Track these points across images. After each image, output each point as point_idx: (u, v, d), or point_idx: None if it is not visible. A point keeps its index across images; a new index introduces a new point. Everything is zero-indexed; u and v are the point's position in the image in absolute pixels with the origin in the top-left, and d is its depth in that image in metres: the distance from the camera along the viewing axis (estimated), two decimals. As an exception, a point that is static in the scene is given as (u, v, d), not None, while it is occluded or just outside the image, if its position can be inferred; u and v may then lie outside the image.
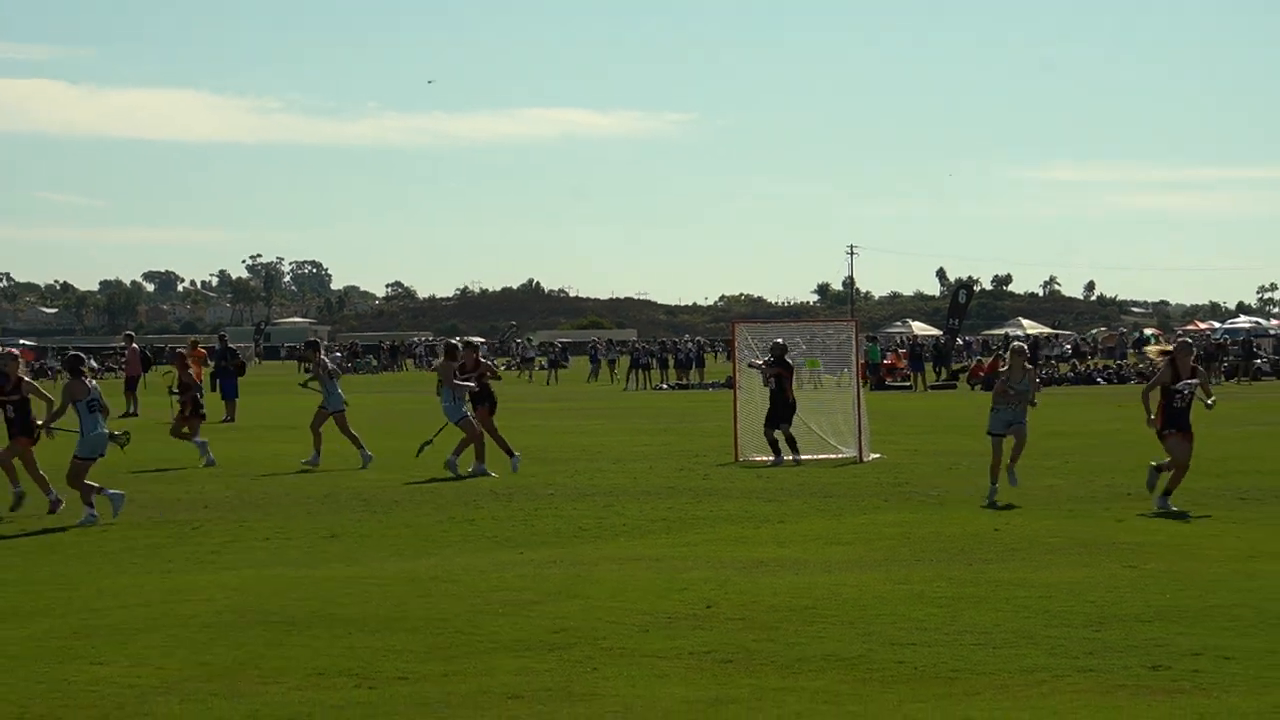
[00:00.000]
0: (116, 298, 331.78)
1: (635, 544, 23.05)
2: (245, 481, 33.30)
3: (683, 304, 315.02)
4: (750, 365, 39.05)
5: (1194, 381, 27.15)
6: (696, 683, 14.01)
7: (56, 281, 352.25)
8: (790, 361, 38.27)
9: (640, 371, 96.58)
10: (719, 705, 13.17)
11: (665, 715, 12.84)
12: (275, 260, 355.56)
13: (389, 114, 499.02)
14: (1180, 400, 27.07)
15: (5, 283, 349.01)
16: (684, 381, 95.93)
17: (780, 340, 39.10)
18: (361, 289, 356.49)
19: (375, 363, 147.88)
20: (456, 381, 35.68)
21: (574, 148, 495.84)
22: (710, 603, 17.78)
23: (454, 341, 39.23)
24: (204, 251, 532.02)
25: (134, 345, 72.71)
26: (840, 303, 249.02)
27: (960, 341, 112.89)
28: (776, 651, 15.25)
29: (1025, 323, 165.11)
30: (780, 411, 37.29)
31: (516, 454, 36.14)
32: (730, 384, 43.92)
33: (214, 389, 59.40)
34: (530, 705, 13.22)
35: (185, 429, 40.04)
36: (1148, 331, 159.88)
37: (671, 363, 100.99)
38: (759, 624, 16.57)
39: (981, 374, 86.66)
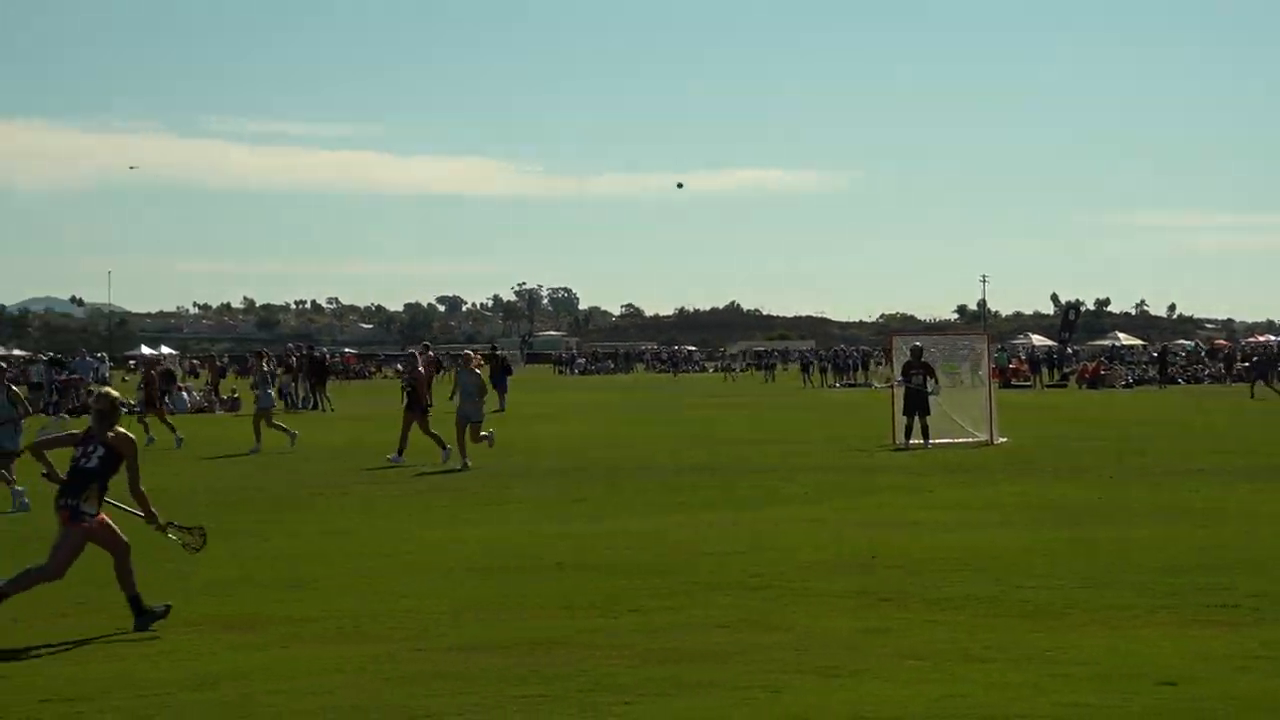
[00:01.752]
0: (417, 316, 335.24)
1: (813, 508, 22.97)
2: (508, 456, 33.50)
3: (851, 320, 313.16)
4: (913, 384, 38.17)
5: None
6: (861, 616, 13.95)
7: (372, 304, 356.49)
8: (928, 363, 37.98)
9: (815, 374, 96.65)
10: (880, 633, 13.10)
11: (838, 641, 12.78)
12: (536, 286, 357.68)
13: (624, 175, 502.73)
14: None
15: (335, 305, 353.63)
16: (851, 381, 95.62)
17: (919, 344, 38.95)
18: (602, 308, 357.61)
19: (613, 366, 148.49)
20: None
21: (768, 198, 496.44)
22: (873, 553, 17.69)
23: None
24: (482, 280, 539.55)
25: (430, 353, 73.53)
26: (975, 319, 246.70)
27: (1069, 350, 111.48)
28: (926, 591, 15.14)
29: (1121, 335, 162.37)
30: (917, 403, 36.98)
31: (447, 447, 32.87)
32: (888, 384, 43.49)
33: (493, 386, 60.19)
34: (735, 632, 13.20)
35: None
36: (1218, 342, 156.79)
37: (841, 367, 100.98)
38: (911, 571, 16.46)
39: (1087, 375, 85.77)
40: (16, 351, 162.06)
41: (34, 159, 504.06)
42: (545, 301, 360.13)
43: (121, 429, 14.09)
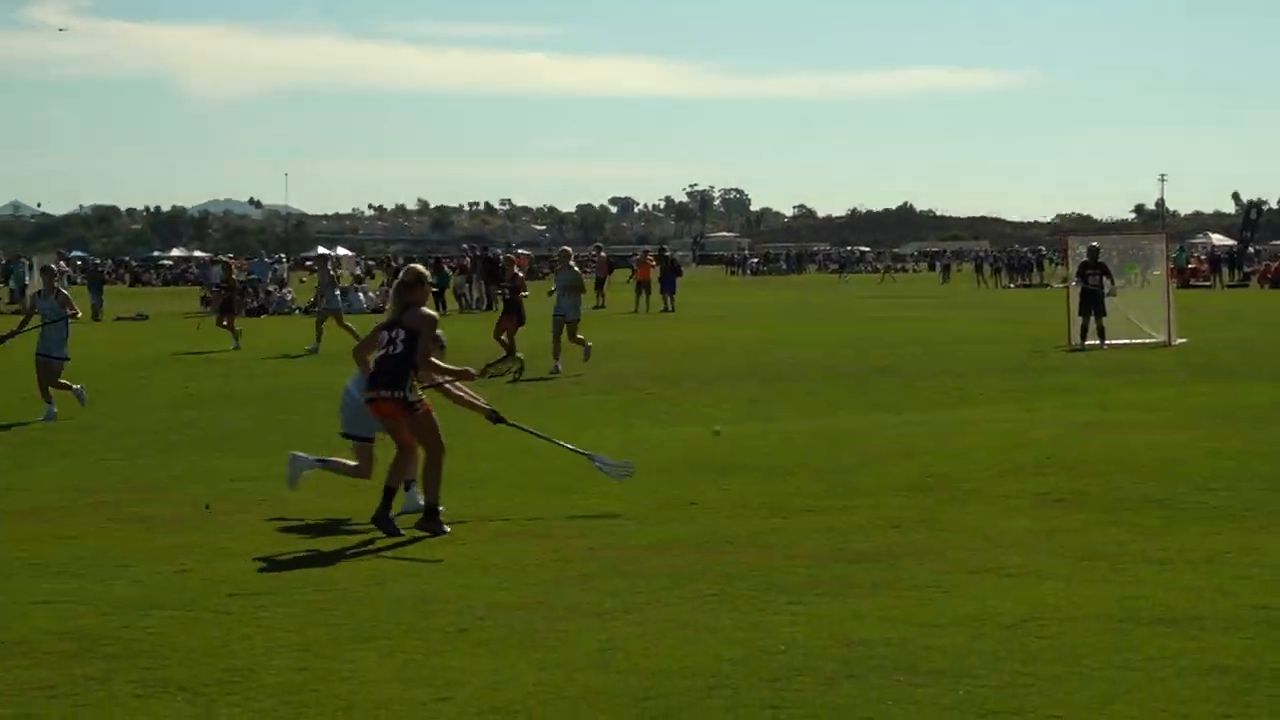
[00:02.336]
0: (589, 218, 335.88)
1: (989, 409, 22.80)
2: (679, 359, 33.54)
3: (1026, 220, 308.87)
4: (1089, 285, 37.52)
5: None
6: (1037, 517, 13.85)
7: (544, 206, 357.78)
8: (1104, 264, 37.39)
9: (988, 274, 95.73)
10: (1055, 534, 13.00)
11: (1013, 541, 12.71)
12: (708, 187, 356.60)
13: (797, 74, 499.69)
14: None
15: (508, 207, 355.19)
16: (1026, 282, 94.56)
17: (1095, 244, 38.37)
18: (774, 209, 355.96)
19: (784, 267, 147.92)
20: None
21: (942, 96, 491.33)
22: (1049, 455, 17.53)
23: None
24: (655, 182, 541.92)
25: (602, 254, 73.75)
26: (1153, 219, 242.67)
27: (1251, 250, 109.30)
28: (1101, 494, 14.99)
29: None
30: (1094, 303, 36.46)
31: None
32: (1064, 284, 42.91)
33: (661, 288, 60.24)
34: (908, 533, 13.17)
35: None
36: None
37: (1016, 267, 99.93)
38: (1087, 472, 16.30)
39: (1269, 275, 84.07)
40: (197, 253, 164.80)
41: (211, 64, 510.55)
42: (717, 203, 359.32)
43: (424, 309, 13.72)
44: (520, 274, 35.24)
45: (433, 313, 13.82)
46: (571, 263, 33.49)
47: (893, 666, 8.93)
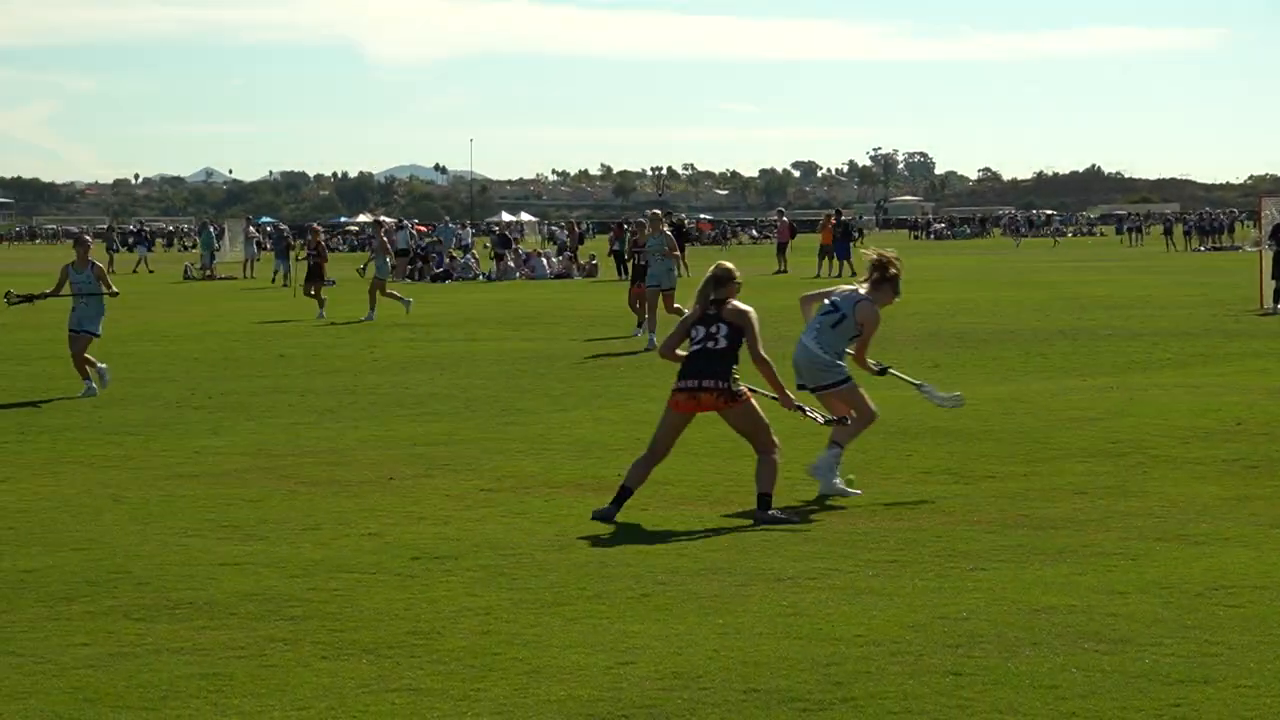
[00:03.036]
0: (772, 182, 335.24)
1: (1177, 373, 22.44)
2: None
3: (1217, 182, 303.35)
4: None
5: None
6: (1227, 483, 13.61)
7: (727, 170, 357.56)
8: None
9: (1178, 237, 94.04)
10: (1246, 501, 12.78)
11: (1202, 508, 12.51)
12: (891, 151, 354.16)
13: (982, 37, 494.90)
14: None
15: (690, 171, 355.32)
16: (1217, 245, 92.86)
17: None
18: (959, 173, 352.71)
19: (968, 230, 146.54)
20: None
21: (1131, 57, 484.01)
22: (1240, 420, 17.21)
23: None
24: (839, 145, 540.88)
25: (785, 218, 73.56)
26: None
27: None
28: (1294, 460, 14.70)
29: None
30: None
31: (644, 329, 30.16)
32: (1256, 247, 42.05)
33: (835, 253, 59.96)
34: (1092, 499, 13.00)
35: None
36: None
37: (1206, 230, 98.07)
38: (1279, 438, 15.99)
39: None
40: (384, 218, 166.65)
41: (398, 29, 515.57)
42: (901, 166, 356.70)
43: (738, 303, 13.03)
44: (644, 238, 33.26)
45: (750, 307, 13.33)
46: (665, 226, 31.48)
47: (1077, 634, 8.83)
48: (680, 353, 13.10)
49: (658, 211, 33.13)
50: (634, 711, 7.69)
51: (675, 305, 29.36)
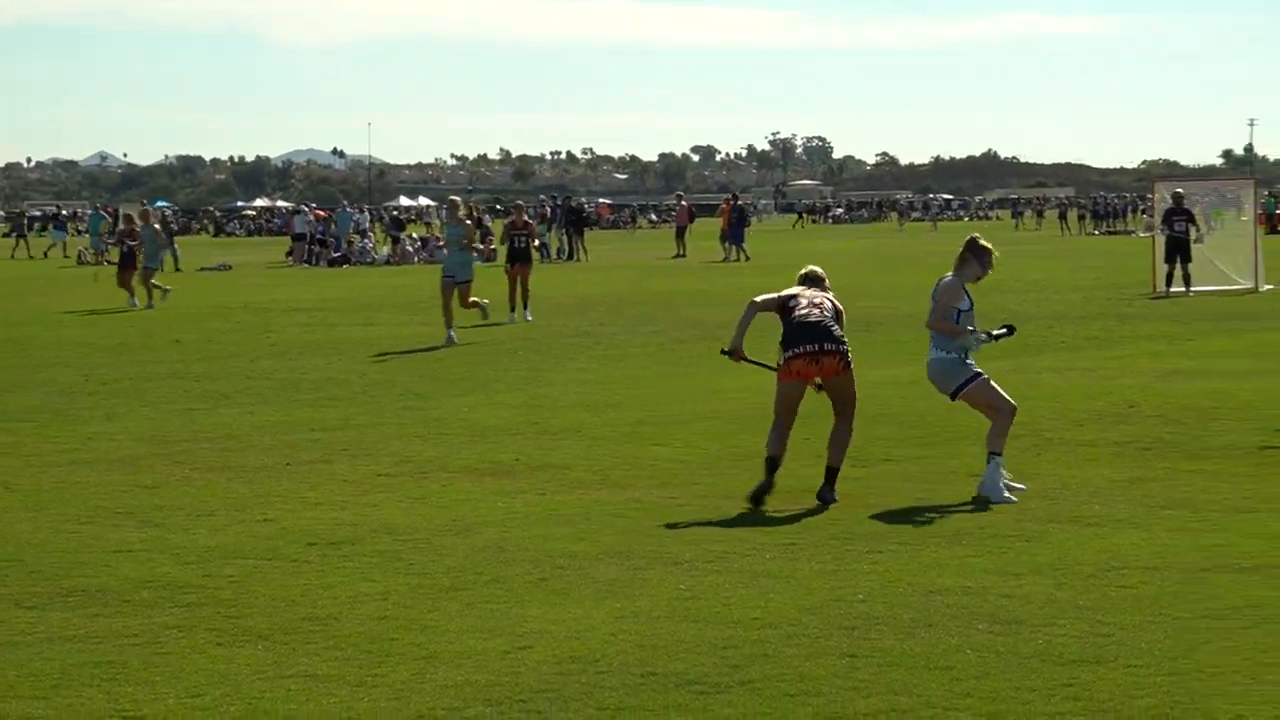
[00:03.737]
0: (671, 166, 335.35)
1: (1071, 357, 22.66)
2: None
3: (1112, 166, 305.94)
4: (1175, 231, 37.12)
5: None
6: (1120, 466, 13.76)
7: (626, 154, 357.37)
8: (1190, 210, 37.05)
9: (1072, 221, 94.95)
10: (1138, 483, 12.92)
11: (1095, 490, 12.64)
12: (790, 135, 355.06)
13: (882, 19, 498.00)
14: None
15: (589, 155, 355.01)
16: (1111, 229, 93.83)
17: (1180, 190, 38.00)
18: (856, 157, 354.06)
19: (866, 215, 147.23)
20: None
21: (1027, 43, 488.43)
22: (1132, 403, 17.41)
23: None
24: (737, 129, 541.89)
25: (684, 203, 73.67)
26: (1242, 164, 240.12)
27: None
28: (1186, 441, 14.88)
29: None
30: (1179, 250, 36.15)
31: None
32: (1149, 232, 42.51)
33: (729, 238, 59.86)
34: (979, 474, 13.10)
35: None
36: None
37: (1101, 214, 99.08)
38: (1171, 420, 16.18)
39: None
40: (281, 203, 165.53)
41: (296, 14, 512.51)
42: (799, 151, 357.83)
43: None
44: (531, 221, 33.84)
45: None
46: (462, 213, 29.72)
47: (971, 616, 8.90)
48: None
49: (456, 199, 31.99)
50: (531, 696, 7.69)
51: (472, 299, 27.92)
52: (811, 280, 13.50)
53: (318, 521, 12.01)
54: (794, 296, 13.20)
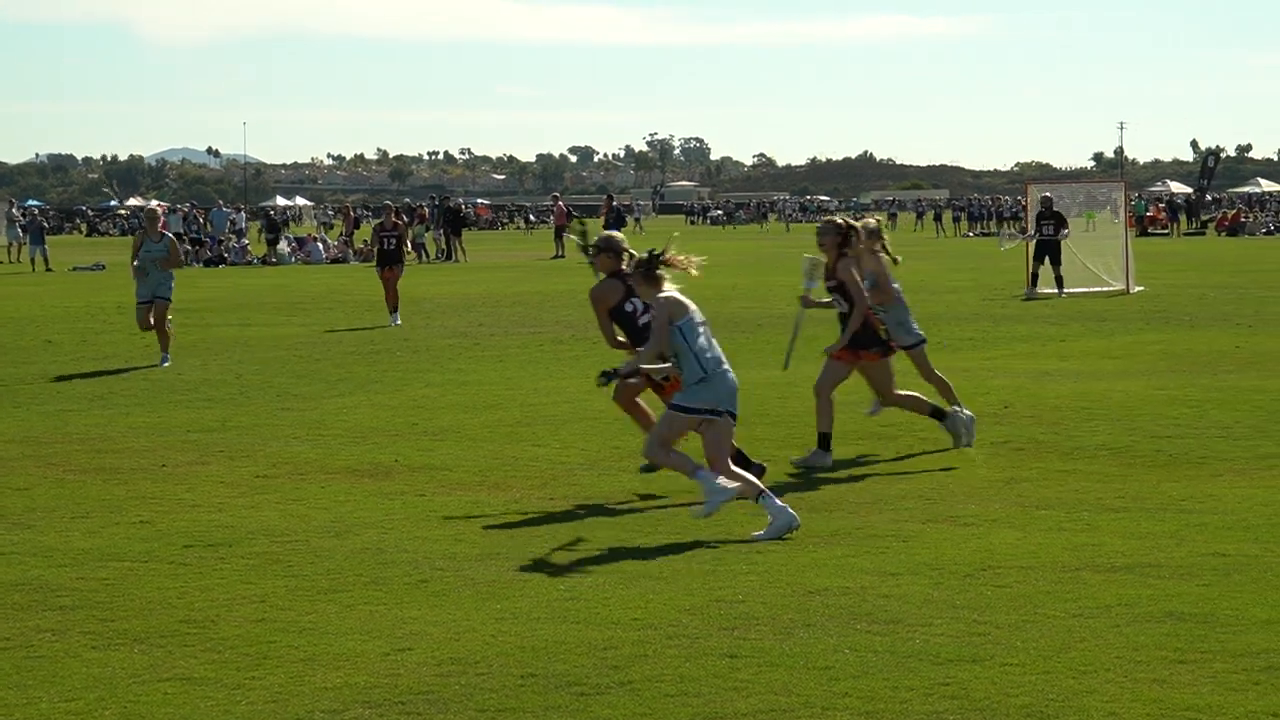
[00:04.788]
0: (549, 166, 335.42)
1: (947, 357, 22.76)
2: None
3: (986, 169, 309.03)
4: (1018, 236, 37.75)
5: None
6: (995, 465, 13.90)
7: (504, 154, 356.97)
8: (1059, 212, 37.52)
9: (947, 223, 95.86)
10: (1013, 483, 13.05)
11: (970, 490, 12.76)
12: (668, 136, 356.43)
13: (756, 23, 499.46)
14: None
15: (467, 155, 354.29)
16: (985, 231, 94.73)
17: (1049, 195, 38.47)
18: (734, 159, 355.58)
19: (744, 216, 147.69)
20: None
21: (901, 45, 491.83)
22: (1007, 404, 17.58)
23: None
24: (615, 130, 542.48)
25: (560, 203, 73.69)
26: (1112, 167, 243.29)
27: (1209, 198, 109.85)
28: (1059, 442, 15.05)
29: (1263, 182, 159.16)
30: (1050, 251, 36.60)
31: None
32: (1023, 233, 42.93)
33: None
34: (865, 483, 13.21)
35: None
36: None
37: (975, 216, 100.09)
38: (1046, 421, 16.36)
39: (1226, 223, 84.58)
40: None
41: (169, 9, 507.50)
42: (677, 152, 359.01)
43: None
44: (400, 223, 33.55)
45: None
46: (161, 226, 25.39)
47: (850, 615, 8.96)
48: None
49: (154, 208, 28.89)
50: (411, 698, 7.66)
51: (169, 320, 24.13)
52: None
53: (195, 524, 11.89)
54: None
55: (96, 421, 17.45)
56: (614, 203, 66.05)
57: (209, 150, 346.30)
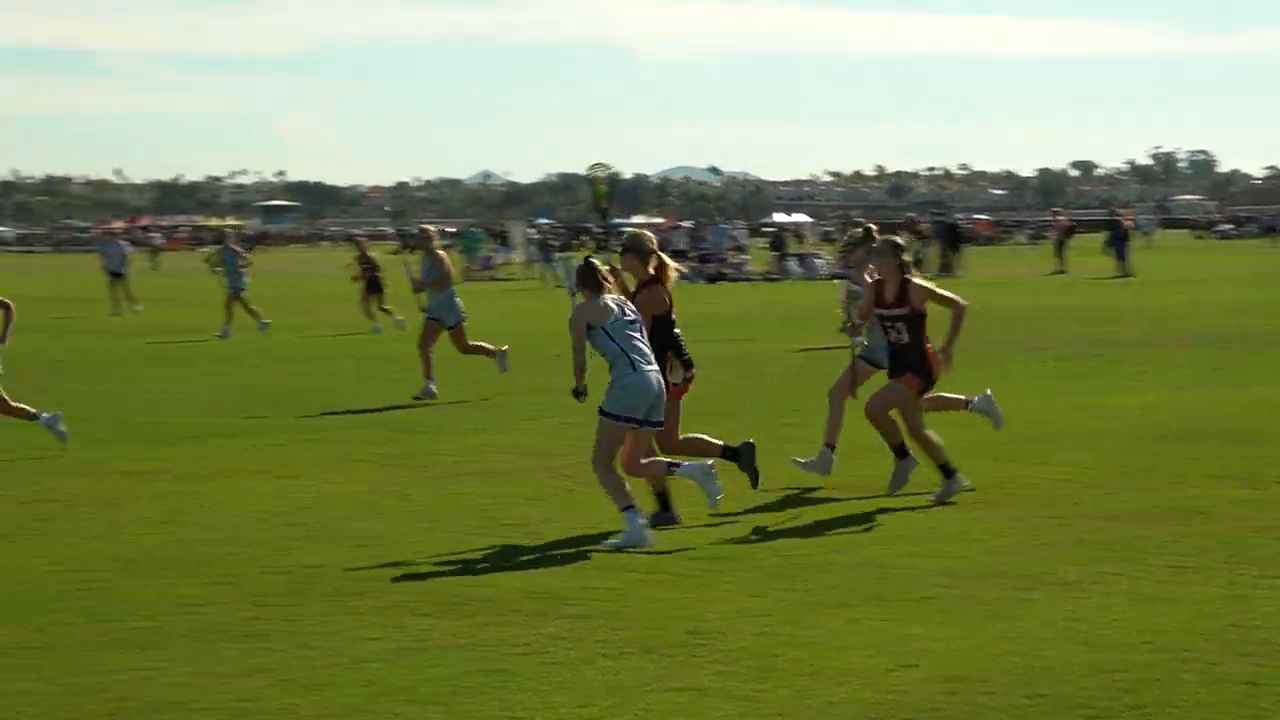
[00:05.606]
0: (1049, 181, 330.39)
1: None
2: (1140, 324, 32.54)
3: None
4: None
5: None
6: None
7: (1003, 170, 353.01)
8: None
9: None
10: None
11: None
12: (1172, 149, 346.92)
13: (1265, 27, 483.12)
14: None
15: (966, 171, 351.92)
16: None
17: None
18: (1243, 171, 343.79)
19: (1256, 231, 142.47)
20: None
21: None
22: None
23: None
24: (1118, 144, 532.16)
25: (1060, 217, 72.63)
26: None
27: None
28: None
29: None
30: None
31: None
32: None
33: (1107, 253, 58.32)
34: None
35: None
36: None
37: None
38: None
39: None
40: (657, 219, 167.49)
41: (664, 29, 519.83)
42: (1182, 164, 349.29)
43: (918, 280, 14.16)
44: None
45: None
46: (435, 245, 23.48)
47: (1378, 646, 8.56)
48: None
49: (427, 227, 26.94)
50: (917, 714, 7.64)
51: (473, 343, 23.13)
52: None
53: (695, 537, 12.10)
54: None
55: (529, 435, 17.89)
56: (1115, 215, 64.43)
57: (710, 168, 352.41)
